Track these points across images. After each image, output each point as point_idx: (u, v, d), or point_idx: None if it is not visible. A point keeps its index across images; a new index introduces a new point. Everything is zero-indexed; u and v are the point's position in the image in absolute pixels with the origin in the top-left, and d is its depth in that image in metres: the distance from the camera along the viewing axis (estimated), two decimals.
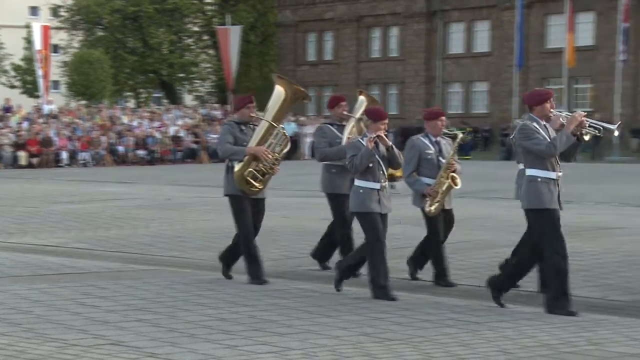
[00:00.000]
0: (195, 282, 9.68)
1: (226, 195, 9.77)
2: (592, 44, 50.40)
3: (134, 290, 9.04)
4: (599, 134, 8.61)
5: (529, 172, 8.27)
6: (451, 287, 9.71)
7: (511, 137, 9.59)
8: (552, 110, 8.52)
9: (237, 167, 9.57)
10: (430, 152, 9.86)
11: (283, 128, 9.83)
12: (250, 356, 6.47)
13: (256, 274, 9.63)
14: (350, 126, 10.53)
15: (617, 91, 42.97)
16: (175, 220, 15.87)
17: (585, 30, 50.33)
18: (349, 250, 10.19)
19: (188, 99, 61.50)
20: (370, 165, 8.84)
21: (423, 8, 56.04)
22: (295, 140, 43.88)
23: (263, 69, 60.83)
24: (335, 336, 7.08)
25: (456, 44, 56.02)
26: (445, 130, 9.97)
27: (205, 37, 60.77)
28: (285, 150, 9.80)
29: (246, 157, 9.55)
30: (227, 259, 10.04)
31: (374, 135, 8.85)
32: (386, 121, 9.02)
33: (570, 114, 8.42)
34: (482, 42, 55.04)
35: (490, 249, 12.12)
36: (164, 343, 6.79)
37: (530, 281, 9.05)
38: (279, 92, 9.86)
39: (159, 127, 40.77)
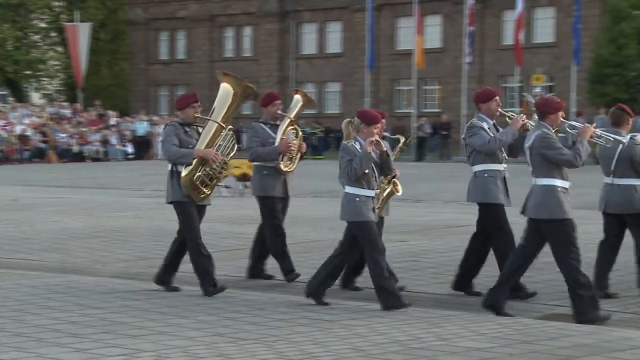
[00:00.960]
0: (44, 285, 9.41)
1: (172, 202, 9.04)
2: (439, 46, 51.74)
3: None
4: (607, 145, 8.72)
5: (544, 181, 8.10)
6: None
7: (463, 137, 9.45)
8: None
9: (184, 171, 8.86)
10: None
11: (231, 129, 9.22)
12: (100, 359, 6.33)
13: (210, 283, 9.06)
14: (284, 126, 9.99)
15: (464, 92, 44.22)
16: (22, 221, 15.40)
17: (433, 32, 51.62)
18: (284, 255, 9.87)
19: (35, 97, 59.79)
20: (366, 171, 8.41)
21: (276, 8, 56.26)
22: (147, 140, 43.39)
23: (114, 67, 59.82)
24: (189, 337, 7.02)
25: (309, 44, 56.50)
26: (386, 134, 9.52)
27: (53, 34, 59.23)
28: (232, 153, 9.17)
29: (195, 161, 8.86)
30: (169, 268, 9.30)
31: (374, 139, 8.38)
32: (379, 125, 8.64)
33: (579, 124, 8.45)
34: (335, 43, 55.70)
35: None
36: (10, 348, 6.58)
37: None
38: (226, 90, 9.23)
39: (5, 126, 39.53)
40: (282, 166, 9.92)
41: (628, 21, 40.69)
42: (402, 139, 9.85)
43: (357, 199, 8.41)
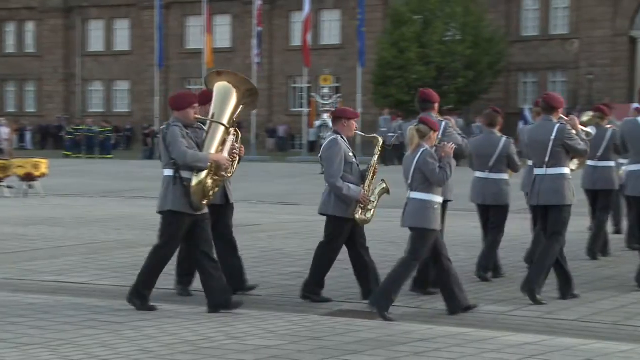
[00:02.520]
0: None
1: (165, 211, 8.12)
2: (229, 46, 51.90)
3: None
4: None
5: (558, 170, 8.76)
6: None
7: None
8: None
9: (196, 178, 8.02)
10: (351, 154, 8.80)
11: (237, 132, 8.40)
12: None
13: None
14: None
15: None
16: None
17: (223, 32, 51.77)
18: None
19: None
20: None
21: (60, 4, 54.75)
22: None
23: None
24: None
25: (96, 41, 55.30)
26: (359, 133, 9.16)
27: None
28: (238, 158, 8.48)
29: (209, 166, 8.10)
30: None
31: (452, 144, 8.34)
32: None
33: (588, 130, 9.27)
34: (123, 40, 54.79)
35: (132, 248, 12.08)
36: None
37: (171, 279, 9.12)
38: (225, 89, 8.34)
39: None
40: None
41: (409, 25, 42.24)
42: (380, 139, 9.26)
43: (436, 206, 8.23)
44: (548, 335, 7.30)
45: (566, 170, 8.83)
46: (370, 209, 8.67)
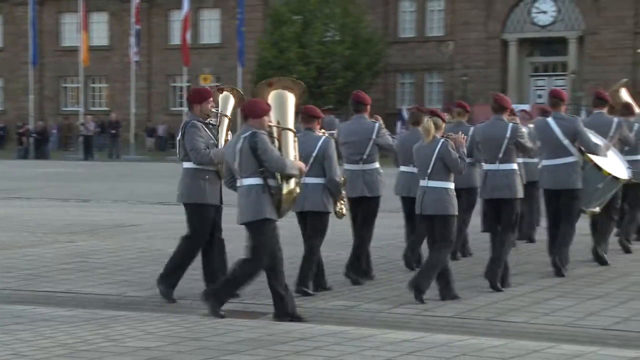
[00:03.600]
0: None
1: (261, 220, 7.90)
2: (106, 44, 51.11)
3: None
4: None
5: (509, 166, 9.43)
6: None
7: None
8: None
9: (287, 186, 7.97)
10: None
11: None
12: None
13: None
14: (225, 126, 8.95)
15: (132, 91, 43.96)
16: None
17: (100, 30, 50.94)
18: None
19: None
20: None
21: None
22: None
23: None
24: None
25: None
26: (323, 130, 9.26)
27: None
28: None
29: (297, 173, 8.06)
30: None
31: (464, 135, 9.02)
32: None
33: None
34: None
35: (6, 250, 11.77)
36: None
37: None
38: (282, 95, 8.30)
39: None
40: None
41: (288, 25, 42.39)
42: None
43: (452, 193, 8.82)
44: (425, 332, 7.44)
45: (516, 166, 9.56)
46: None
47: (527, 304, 8.64)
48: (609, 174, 10.34)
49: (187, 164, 8.72)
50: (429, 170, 8.73)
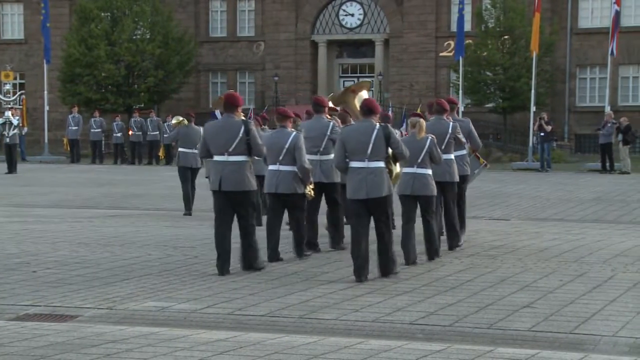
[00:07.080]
0: None
1: (385, 196, 9.85)
2: None
3: None
4: None
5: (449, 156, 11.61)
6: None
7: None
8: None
9: (395, 168, 10.45)
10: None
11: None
12: None
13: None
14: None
15: None
16: None
17: None
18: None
19: None
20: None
21: None
22: None
23: None
24: None
25: None
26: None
27: None
28: None
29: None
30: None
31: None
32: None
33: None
34: None
35: None
36: None
37: None
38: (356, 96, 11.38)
39: None
40: None
41: (96, 22, 41.49)
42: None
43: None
44: (239, 332, 7.46)
45: (452, 156, 11.66)
46: None
47: (337, 301, 8.80)
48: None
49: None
50: (419, 160, 10.72)
